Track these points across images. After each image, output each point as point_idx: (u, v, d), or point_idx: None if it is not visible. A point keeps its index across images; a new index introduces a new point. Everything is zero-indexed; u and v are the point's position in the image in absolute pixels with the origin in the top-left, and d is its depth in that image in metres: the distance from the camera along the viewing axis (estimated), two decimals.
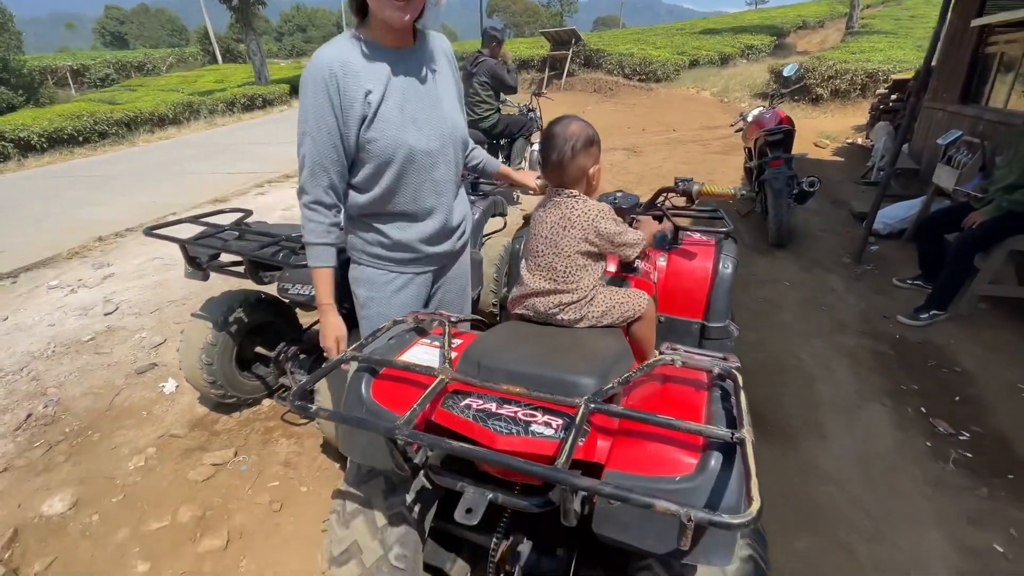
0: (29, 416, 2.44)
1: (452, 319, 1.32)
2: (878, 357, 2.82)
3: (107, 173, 7.88)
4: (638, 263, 1.72)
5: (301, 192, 1.36)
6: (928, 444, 2.18)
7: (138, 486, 2.04)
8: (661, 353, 1.13)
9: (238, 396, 2.35)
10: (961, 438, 2.21)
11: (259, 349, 2.41)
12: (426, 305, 1.65)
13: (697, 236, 1.96)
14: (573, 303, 1.28)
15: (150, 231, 2.03)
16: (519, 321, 1.38)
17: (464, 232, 1.60)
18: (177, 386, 2.64)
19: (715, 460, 0.87)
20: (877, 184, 4.93)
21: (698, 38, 21.20)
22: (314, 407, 1.01)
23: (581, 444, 0.98)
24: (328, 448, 2.19)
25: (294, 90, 16.72)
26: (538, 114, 5.78)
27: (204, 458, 2.16)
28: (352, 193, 1.41)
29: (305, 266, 1.81)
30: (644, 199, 2.09)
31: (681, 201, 1.93)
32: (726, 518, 0.71)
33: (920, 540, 1.75)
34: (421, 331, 1.37)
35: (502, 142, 5.25)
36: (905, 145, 6.71)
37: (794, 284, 3.69)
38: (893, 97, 7.50)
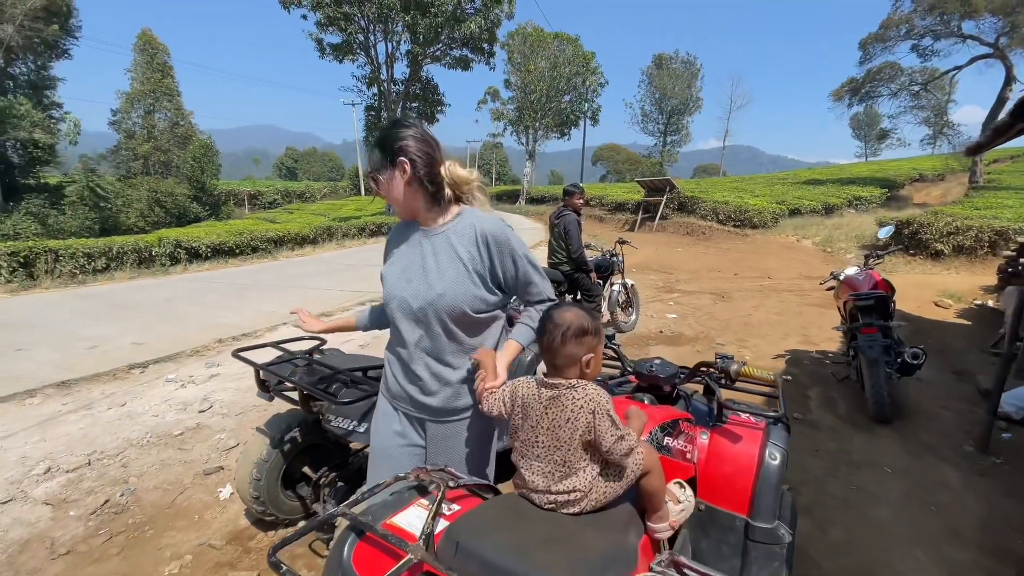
0: (106, 502, 2.71)
1: (451, 483, 1.31)
2: None
3: (247, 282, 9.30)
4: (668, 442, 1.64)
5: None
6: None
7: None
8: (652, 570, 1.03)
9: (276, 515, 2.43)
10: None
11: (305, 469, 2.52)
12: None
13: (745, 416, 1.82)
14: (570, 501, 1.24)
15: (237, 354, 2.34)
16: (520, 497, 1.34)
17: (463, 399, 1.61)
18: (232, 493, 2.80)
19: None
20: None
21: (800, 188, 21.19)
22: (284, 567, 1.04)
23: None
24: None
25: None
26: (620, 259, 6.14)
27: (230, 575, 2.21)
28: None
29: (349, 402, 1.96)
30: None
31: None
32: None
33: None
34: (423, 490, 1.38)
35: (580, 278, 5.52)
36: None
37: (897, 472, 3.15)
38: (1022, 261, 6.74)
